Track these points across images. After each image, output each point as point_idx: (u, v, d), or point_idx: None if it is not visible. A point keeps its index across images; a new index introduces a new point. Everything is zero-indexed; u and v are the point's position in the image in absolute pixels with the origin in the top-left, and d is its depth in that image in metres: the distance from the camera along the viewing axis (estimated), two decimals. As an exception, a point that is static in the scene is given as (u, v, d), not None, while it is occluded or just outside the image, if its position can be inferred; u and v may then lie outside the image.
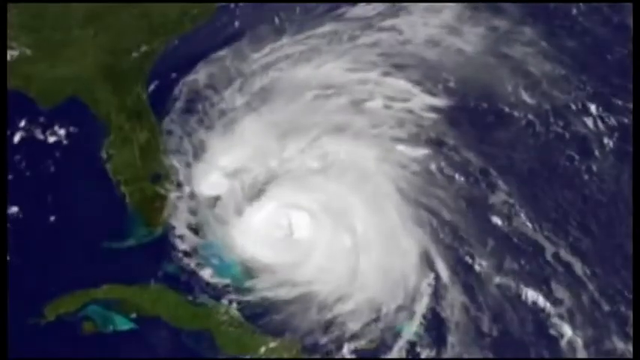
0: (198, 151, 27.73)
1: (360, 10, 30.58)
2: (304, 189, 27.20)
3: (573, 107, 28.60)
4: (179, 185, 27.13)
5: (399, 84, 28.90)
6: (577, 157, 27.78)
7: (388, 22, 30.17)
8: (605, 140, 28.02)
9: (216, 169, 27.41)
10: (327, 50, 29.65)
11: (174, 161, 27.52)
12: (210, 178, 27.29)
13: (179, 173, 27.32)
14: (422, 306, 25.38)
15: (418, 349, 24.92)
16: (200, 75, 29.05)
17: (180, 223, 26.43)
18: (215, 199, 26.93)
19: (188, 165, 27.50)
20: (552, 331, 25.03)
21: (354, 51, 29.65)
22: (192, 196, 26.90)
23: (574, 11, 30.41)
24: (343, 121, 28.28)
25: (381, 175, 27.42)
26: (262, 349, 25.03)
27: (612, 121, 28.28)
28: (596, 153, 27.81)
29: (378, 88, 28.87)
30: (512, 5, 30.33)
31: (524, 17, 30.15)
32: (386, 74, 29.12)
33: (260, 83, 28.96)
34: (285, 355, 24.98)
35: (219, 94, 28.74)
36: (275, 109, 28.42)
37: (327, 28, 30.11)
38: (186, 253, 25.97)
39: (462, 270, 25.99)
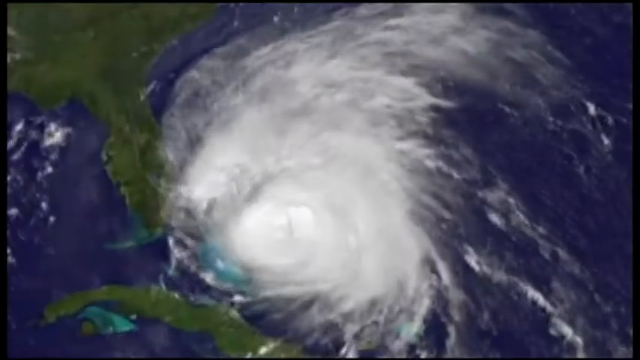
0: (196, 147, 27.61)
1: (364, 9, 30.40)
2: (304, 186, 27.06)
3: (572, 107, 28.60)
4: (177, 184, 27.06)
5: (402, 83, 28.79)
6: (575, 156, 27.77)
7: (392, 22, 30.00)
8: (604, 140, 28.03)
9: (213, 169, 27.27)
10: (330, 48, 29.51)
11: (172, 157, 27.45)
12: (207, 179, 27.13)
13: (176, 170, 27.24)
14: (422, 307, 25.40)
15: (418, 351, 24.98)
16: (202, 71, 28.93)
17: (179, 225, 26.37)
18: (212, 202, 26.84)
19: (185, 162, 27.39)
20: (552, 331, 25.07)
21: (357, 49, 29.49)
22: (190, 198, 26.82)
23: (573, 11, 30.39)
24: (344, 118, 28.18)
25: (381, 172, 27.35)
26: (262, 350, 25.02)
27: (611, 120, 28.29)
28: (595, 152, 27.81)
29: (380, 87, 28.77)
30: (516, 6, 30.24)
31: (526, 18, 30.05)
32: (389, 73, 29.01)
33: (262, 80, 28.82)
34: (286, 356, 25.01)
35: (221, 90, 28.62)
36: (275, 106, 28.28)
37: (331, 26, 29.96)
38: (187, 257, 25.96)
39: (462, 269, 25.96)
